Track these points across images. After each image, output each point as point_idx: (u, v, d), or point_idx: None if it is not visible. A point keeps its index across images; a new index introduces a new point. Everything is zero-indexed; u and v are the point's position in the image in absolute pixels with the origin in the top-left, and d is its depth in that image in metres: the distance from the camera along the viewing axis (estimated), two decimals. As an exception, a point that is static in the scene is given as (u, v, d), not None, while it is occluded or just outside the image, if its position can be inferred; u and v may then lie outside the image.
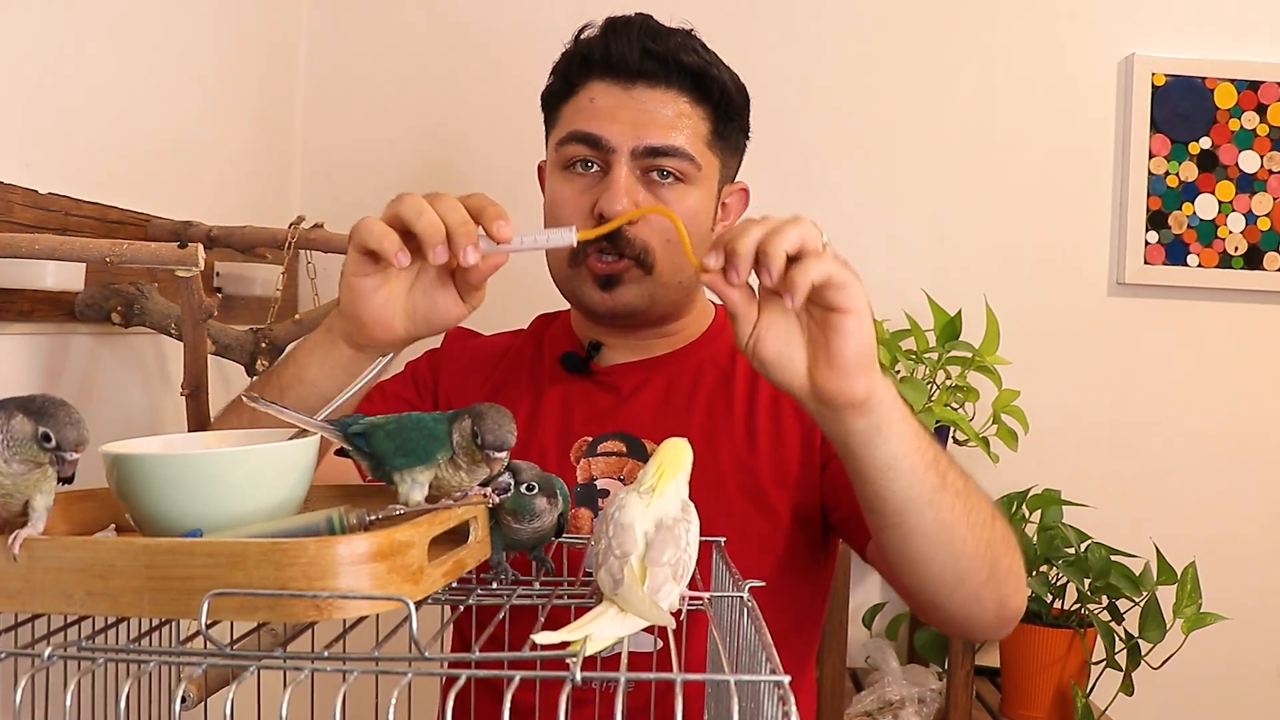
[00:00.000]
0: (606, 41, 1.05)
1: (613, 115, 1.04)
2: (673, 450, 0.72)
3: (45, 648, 0.57)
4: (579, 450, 1.08)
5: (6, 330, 1.07)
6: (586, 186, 1.05)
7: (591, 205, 1.04)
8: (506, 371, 1.17)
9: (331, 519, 0.69)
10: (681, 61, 1.05)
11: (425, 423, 0.71)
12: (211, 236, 1.27)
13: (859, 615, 1.81)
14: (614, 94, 1.04)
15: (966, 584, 0.89)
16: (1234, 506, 1.87)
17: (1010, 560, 0.91)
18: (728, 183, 1.13)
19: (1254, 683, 1.87)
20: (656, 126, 1.03)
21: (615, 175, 1.03)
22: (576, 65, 1.07)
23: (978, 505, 0.88)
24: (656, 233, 1.04)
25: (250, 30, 1.67)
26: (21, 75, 1.08)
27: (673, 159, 1.04)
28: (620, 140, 1.03)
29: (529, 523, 0.77)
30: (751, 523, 1.04)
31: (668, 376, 1.11)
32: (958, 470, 0.88)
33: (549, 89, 1.12)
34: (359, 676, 0.54)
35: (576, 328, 1.17)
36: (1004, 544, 0.90)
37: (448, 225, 0.77)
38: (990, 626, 0.95)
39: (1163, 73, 1.84)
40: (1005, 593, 0.92)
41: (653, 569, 0.64)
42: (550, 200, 1.10)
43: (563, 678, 0.52)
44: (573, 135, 1.05)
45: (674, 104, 1.05)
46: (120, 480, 0.69)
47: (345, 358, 0.86)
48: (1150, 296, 1.88)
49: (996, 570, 0.89)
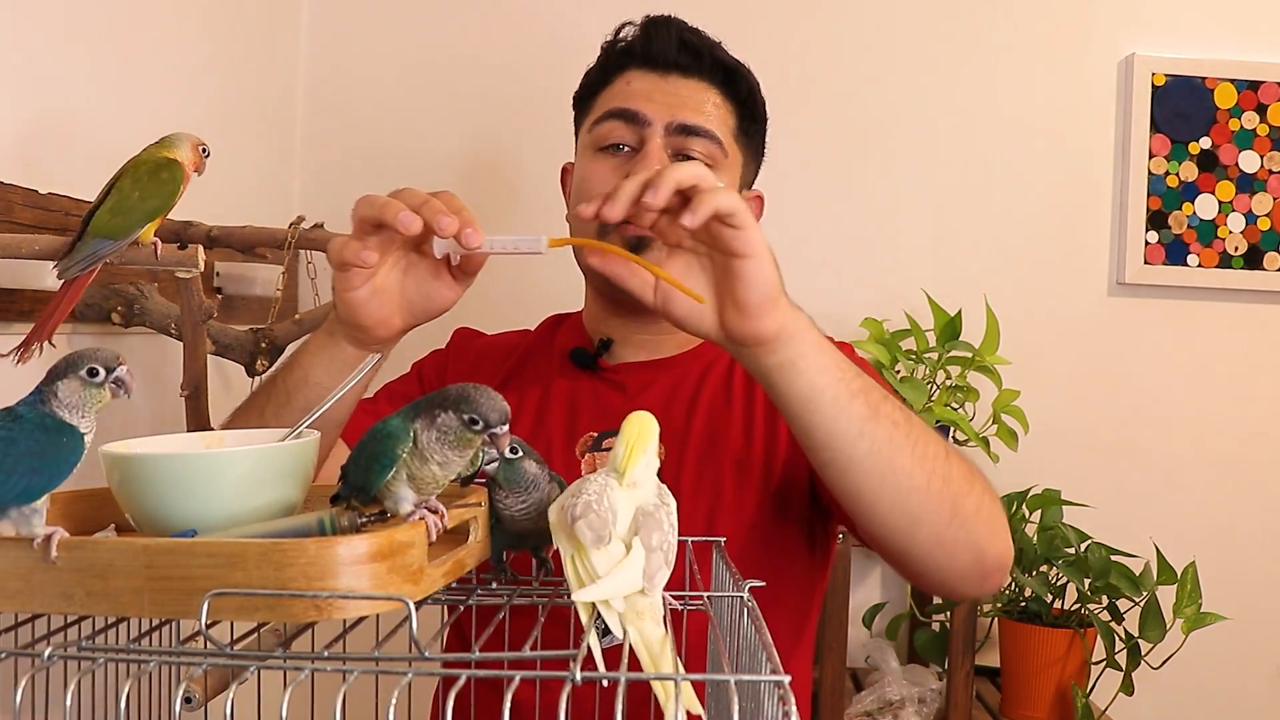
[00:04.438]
0: (647, 34, 1.10)
1: (648, 96, 1.08)
2: (637, 425, 0.71)
3: (45, 648, 0.57)
4: (584, 445, 1.10)
5: (6, 330, 1.07)
6: (619, 165, 1.08)
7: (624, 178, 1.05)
8: (515, 368, 1.19)
9: (323, 520, 0.69)
10: (715, 56, 1.11)
11: (377, 425, 0.69)
12: (211, 236, 1.27)
13: (859, 615, 1.81)
14: (650, 79, 1.09)
15: (925, 525, 0.87)
16: (1234, 506, 1.87)
17: (977, 500, 0.89)
18: (746, 187, 1.16)
19: (1254, 683, 1.87)
20: (689, 109, 1.07)
21: (650, 147, 1.06)
22: (615, 57, 1.12)
23: (922, 439, 0.87)
24: None
25: (250, 30, 1.67)
26: (22, 76, 1.08)
27: (703, 140, 1.07)
28: (655, 115, 1.07)
29: (527, 494, 0.75)
30: (753, 519, 1.05)
31: (674, 378, 1.13)
32: (895, 404, 0.87)
33: (584, 83, 1.16)
34: (359, 676, 0.54)
35: (589, 323, 1.19)
36: (965, 482, 0.88)
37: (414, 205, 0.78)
38: (969, 578, 0.92)
39: (1163, 73, 1.84)
40: (976, 536, 0.89)
41: (648, 554, 0.64)
42: (581, 178, 1.12)
43: (563, 678, 0.52)
44: (609, 113, 1.09)
45: (705, 93, 1.09)
46: (120, 480, 0.69)
47: (350, 357, 0.88)
48: (1150, 296, 1.88)
49: (960, 510, 0.87)
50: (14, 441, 0.59)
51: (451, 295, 0.87)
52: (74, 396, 0.62)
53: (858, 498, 0.87)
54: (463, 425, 0.67)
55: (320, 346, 0.89)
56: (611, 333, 1.15)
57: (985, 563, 0.91)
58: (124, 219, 0.97)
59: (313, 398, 0.87)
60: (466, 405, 0.67)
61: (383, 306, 0.84)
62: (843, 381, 0.84)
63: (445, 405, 0.67)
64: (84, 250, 0.96)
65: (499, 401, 0.67)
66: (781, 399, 0.84)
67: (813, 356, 0.82)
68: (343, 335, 0.87)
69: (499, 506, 0.77)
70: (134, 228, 0.98)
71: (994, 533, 0.91)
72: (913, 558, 0.91)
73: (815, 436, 0.85)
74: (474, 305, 1.59)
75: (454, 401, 0.67)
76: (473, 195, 1.82)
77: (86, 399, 0.62)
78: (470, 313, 1.18)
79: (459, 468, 0.69)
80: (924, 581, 0.97)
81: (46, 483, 0.60)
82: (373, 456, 0.67)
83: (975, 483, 0.90)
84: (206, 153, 1.04)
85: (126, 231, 0.97)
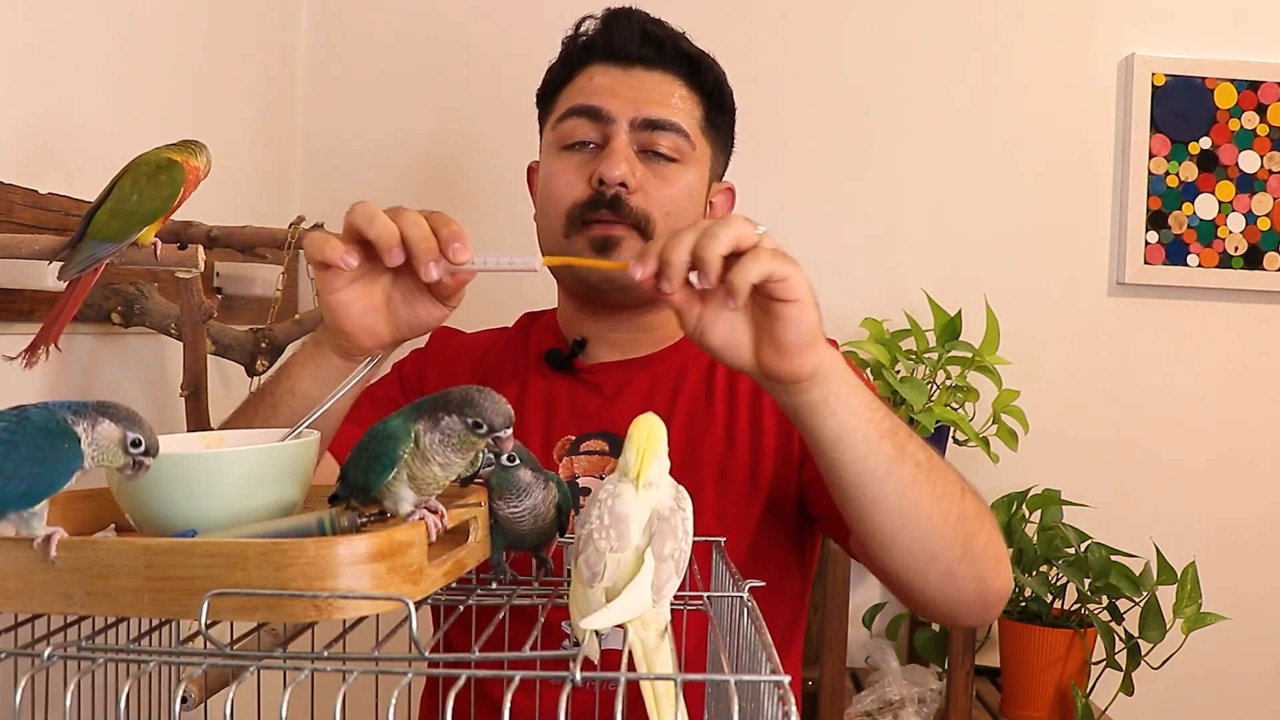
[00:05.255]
0: (608, 27, 1.09)
1: (612, 91, 1.06)
2: (645, 428, 0.70)
3: (45, 648, 0.57)
4: (561, 449, 1.09)
5: (6, 330, 1.07)
6: (584, 161, 1.07)
7: (589, 176, 1.05)
8: (491, 367, 1.18)
9: (323, 520, 0.69)
10: (679, 47, 1.09)
11: (378, 426, 0.69)
12: (211, 237, 1.27)
13: (859, 615, 1.81)
14: (613, 74, 1.07)
15: (938, 561, 0.88)
16: (1234, 506, 1.87)
17: (986, 538, 0.90)
18: (716, 180, 1.15)
19: (1254, 683, 1.87)
20: (654, 103, 1.06)
21: (615, 144, 1.04)
22: (577, 52, 1.10)
23: (942, 478, 0.87)
24: (657, 204, 1.05)
25: (250, 30, 1.66)
26: (22, 76, 1.08)
27: (669, 134, 1.06)
28: (619, 111, 1.05)
29: (520, 500, 0.76)
30: (731, 522, 1.04)
31: (651, 377, 1.12)
32: (919, 443, 0.87)
33: (547, 80, 1.14)
34: (359, 676, 0.54)
35: (563, 323, 1.18)
36: (976, 520, 0.89)
37: (408, 241, 0.77)
38: (973, 610, 0.93)
39: (1163, 73, 1.84)
40: (983, 572, 0.90)
41: (658, 565, 0.63)
42: (546, 177, 1.10)
43: (563, 678, 0.52)
44: (572, 110, 1.07)
45: (670, 85, 1.08)
46: (119, 480, 0.69)
47: (336, 368, 0.86)
48: (1150, 296, 1.88)
49: (971, 547, 0.88)
50: (15, 445, 0.59)
51: (438, 313, 0.85)
52: (106, 443, 0.62)
53: (877, 534, 0.87)
54: (467, 429, 0.67)
55: (308, 357, 0.88)
56: (585, 333, 1.14)
57: (988, 596, 0.92)
58: (122, 222, 0.97)
59: (299, 409, 0.86)
60: (471, 409, 0.67)
61: (367, 315, 0.83)
62: (873, 422, 0.83)
63: (449, 408, 0.67)
64: (84, 252, 0.96)
65: (503, 405, 0.67)
66: (812, 436, 0.84)
67: (845, 396, 0.82)
68: (329, 345, 0.86)
69: (494, 509, 0.77)
70: (132, 230, 0.97)
71: (999, 568, 0.92)
72: (920, 590, 0.91)
73: (843, 475, 0.84)
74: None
75: (458, 405, 0.67)
76: (475, 195, 1.83)
77: (108, 454, 0.62)
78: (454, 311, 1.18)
79: (460, 469, 0.69)
80: (927, 611, 0.97)
81: (45, 488, 0.60)
82: (374, 457, 0.67)
83: (985, 519, 0.91)
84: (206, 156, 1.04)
85: (125, 234, 0.97)
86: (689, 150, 1.07)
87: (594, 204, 1.04)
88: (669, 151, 1.06)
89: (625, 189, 1.04)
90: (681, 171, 1.07)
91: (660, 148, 1.06)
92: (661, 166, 1.06)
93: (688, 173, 1.08)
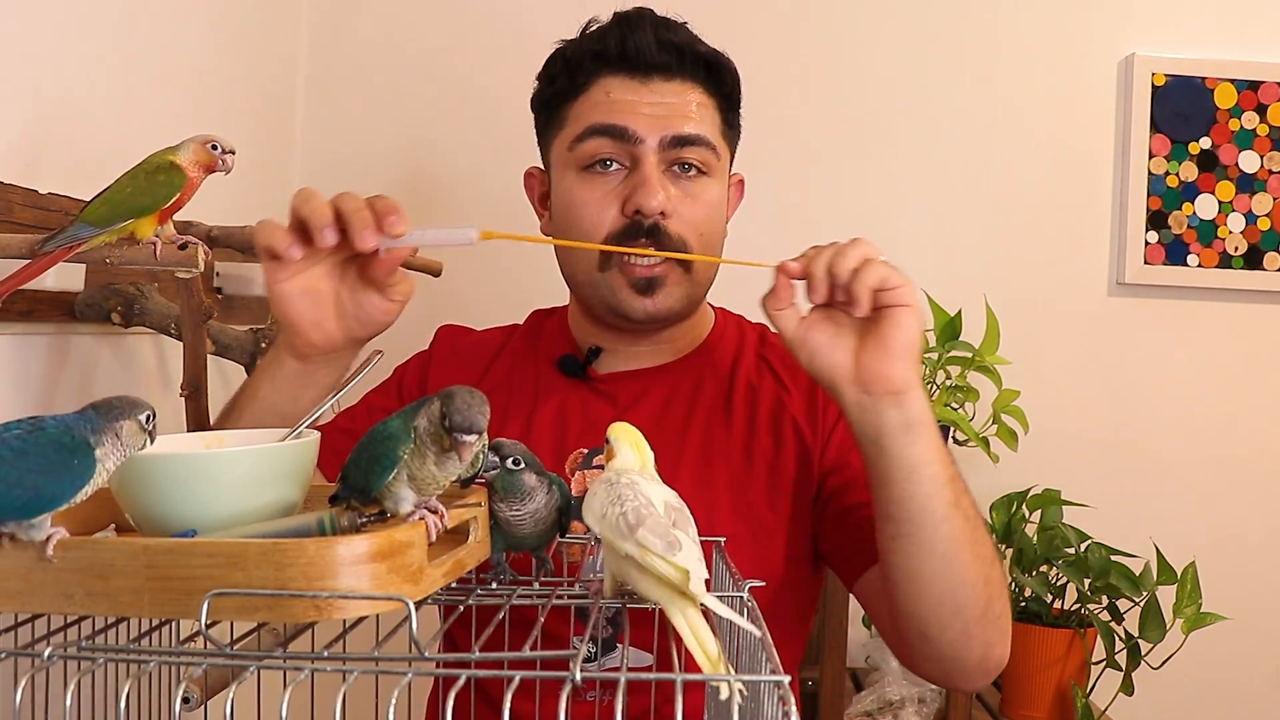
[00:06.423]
0: (621, 35, 1.02)
1: (634, 108, 1.01)
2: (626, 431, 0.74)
3: (45, 648, 0.57)
4: (574, 462, 1.05)
5: (6, 330, 1.07)
6: (612, 185, 1.02)
7: (622, 204, 1.01)
8: (502, 374, 1.13)
9: (323, 520, 0.69)
10: (697, 51, 1.03)
11: (378, 426, 0.69)
12: (211, 236, 1.27)
13: (859, 615, 1.80)
14: (631, 87, 1.02)
15: (960, 617, 0.89)
16: (1234, 506, 1.87)
17: (1002, 606, 0.92)
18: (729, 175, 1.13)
19: (1254, 683, 1.87)
20: (678, 117, 1.01)
21: (648, 170, 1.00)
22: (587, 62, 1.03)
23: (983, 538, 0.89)
24: (691, 228, 1.02)
25: (251, 31, 1.66)
26: (22, 76, 1.08)
27: (698, 148, 1.02)
28: (647, 130, 1.00)
29: (522, 504, 0.76)
30: (743, 543, 1.00)
31: (667, 388, 1.09)
32: (971, 499, 0.89)
33: (550, 90, 1.07)
34: (359, 676, 0.54)
35: (575, 329, 1.14)
36: (999, 587, 0.91)
37: (342, 213, 0.78)
38: (972, 675, 0.94)
39: (1163, 73, 1.84)
40: (992, 638, 0.91)
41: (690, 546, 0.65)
42: (569, 204, 1.04)
43: (562, 678, 0.52)
44: (594, 129, 1.01)
45: (690, 94, 1.03)
46: (120, 480, 0.69)
47: (290, 371, 0.86)
48: (1150, 296, 1.88)
49: (990, 610, 0.90)
50: (25, 454, 0.58)
51: (385, 307, 0.85)
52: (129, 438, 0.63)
53: (916, 576, 0.88)
54: (438, 421, 0.67)
55: (269, 361, 0.88)
56: (600, 341, 1.10)
57: (988, 664, 0.93)
58: (109, 209, 0.97)
59: (259, 412, 0.86)
60: (448, 402, 0.66)
61: (314, 308, 0.83)
62: (943, 463, 0.85)
63: (436, 398, 0.68)
64: (66, 232, 0.97)
65: (474, 412, 0.65)
66: (889, 461, 0.85)
67: (929, 427, 0.84)
68: (284, 346, 0.86)
69: (496, 511, 0.77)
70: (117, 219, 0.97)
71: (1003, 638, 0.93)
72: (934, 641, 0.91)
73: (907, 508, 0.85)
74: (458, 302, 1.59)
75: (444, 396, 0.67)
76: (477, 195, 1.83)
77: (135, 443, 0.63)
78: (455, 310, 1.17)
79: (456, 467, 0.69)
80: (928, 665, 0.96)
81: (47, 503, 0.59)
82: (374, 458, 0.67)
83: (1004, 589, 0.93)
84: (218, 148, 1.02)
85: (109, 221, 0.97)
86: (714, 161, 1.04)
87: (630, 233, 1.01)
88: (697, 163, 1.03)
89: (663, 216, 1.00)
90: (708, 185, 1.04)
91: (689, 160, 1.02)
92: (689, 183, 1.03)
93: (714, 185, 1.05)
